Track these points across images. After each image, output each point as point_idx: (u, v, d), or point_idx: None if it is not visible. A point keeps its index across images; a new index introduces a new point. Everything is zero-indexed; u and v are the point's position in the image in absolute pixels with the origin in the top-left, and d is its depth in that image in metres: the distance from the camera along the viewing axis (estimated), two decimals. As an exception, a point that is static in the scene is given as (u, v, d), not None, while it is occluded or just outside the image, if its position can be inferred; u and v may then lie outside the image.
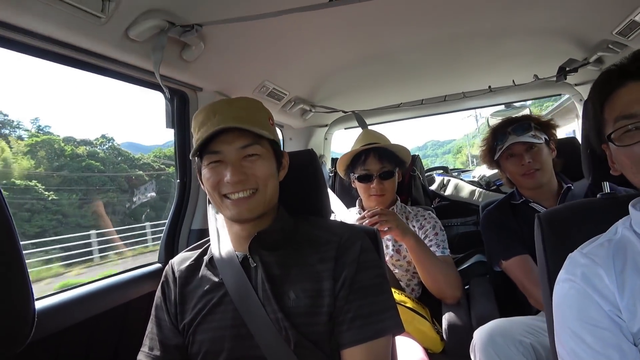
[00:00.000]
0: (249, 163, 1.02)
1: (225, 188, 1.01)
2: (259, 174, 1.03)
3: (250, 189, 1.02)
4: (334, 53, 2.01)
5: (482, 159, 1.96)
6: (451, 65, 2.38)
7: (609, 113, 0.86)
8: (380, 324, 0.99)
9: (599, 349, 0.76)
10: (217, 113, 1.03)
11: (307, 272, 1.03)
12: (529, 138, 1.74)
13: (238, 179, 0.99)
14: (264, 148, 1.05)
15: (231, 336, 1.02)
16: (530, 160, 1.73)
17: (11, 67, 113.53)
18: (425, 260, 1.74)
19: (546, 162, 1.76)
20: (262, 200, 1.04)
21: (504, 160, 1.83)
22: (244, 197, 1.01)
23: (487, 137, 1.90)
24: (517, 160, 1.77)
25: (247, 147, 1.02)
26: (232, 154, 1.01)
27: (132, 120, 55.65)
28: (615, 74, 0.85)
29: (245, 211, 1.02)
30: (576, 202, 1.16)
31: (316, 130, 3.08)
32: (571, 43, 2.07)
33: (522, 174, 1.76)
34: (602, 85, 0.88)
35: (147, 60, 1.32)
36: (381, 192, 1.94)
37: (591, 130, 0.94)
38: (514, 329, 1.33)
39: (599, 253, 0.84)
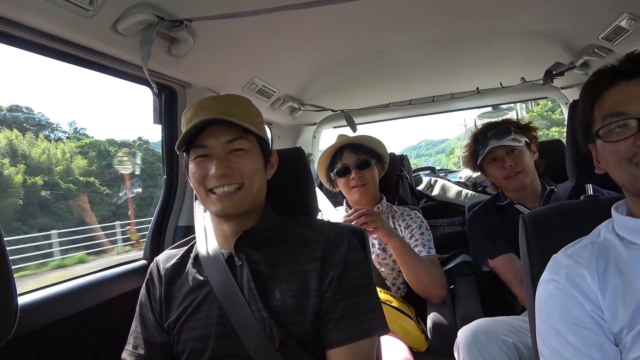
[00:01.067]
0: (235, 158, 1.02)
1: (211, 182, 1.01)
2: (245, 168, 1.02)
3: (236, 184, 1.01)
4: (324, 51, 2.01)
5: (465, 163, 2.00)
6: (440, 66, 2.39)
7: (598, 111, 0.88)
8: (366, 325, 1.00)
9: (582, 348, 0.77)
10: (205, 109, 1.03)
11: (293, 271, 1.03)
12: (509, 142, 1.77)
13: (223, 172, 0.99)
14: (250, 143, 1.05)
15: (216, 334, 1.02)
16: (512, 163, 1.77)
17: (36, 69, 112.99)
18: (410, 261, 1.75)
19: (528, 165, 1.79)
20: (248, 196, 1.03)
21: (486, 165, 1.86)
22: (229, 192, 1.01)
23: (469, 142, 1.93)
24: (499, 163, 1.80)
25: (233, 142, 1.02)
26: (218, 147, 1.01)
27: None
28: (607, 74, 0.87)
29: (229, 206, 1.02)
30: (560, 203, 1.18)
31: (305, 128, 3.08)
32: (558, 47, 2.09)
33: (504, 177, 1.79)
34: (593, 84, 0.90)
35: (136, 55, 1.31)
36: (361, 182, 1.95)
37: (579, 128, 0.96)
38: (497, 329, 1.34)
39: (583, 254, 0.85)
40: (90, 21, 1.14)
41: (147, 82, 1.38)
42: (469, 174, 3.00)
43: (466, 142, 1.98)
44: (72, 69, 10.64)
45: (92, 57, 1.31)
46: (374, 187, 2.00)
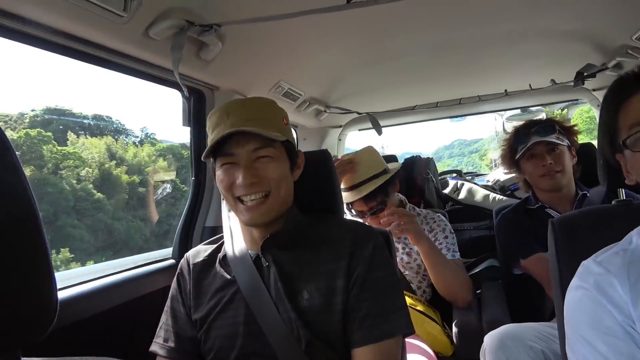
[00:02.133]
0: (261, 165, 1.03)
1: (238, 190, 1.02)
2: (272, 176, 1.03)
3: (263, 192, 1.02)
4: (350, 54, 2.01)
5: (502, 159, 1.95)
6: (467, 68, 2.36)
7: (623, 120, 0.85)
8: (391, 324, 0.99)
9: (612, 358, 0.75)
10: (231, 114, 1.03)
11: (320, 270, 1.04)
12: (552, 139, 1.73)
13: (250, 181, 1.00)
14: (276, 150, 1.05)
15: (243, 333, 1.03)
16: (552, 162, 1.72)
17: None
18: (438, 264, 1.74)
19: (567, 165, 1.75)
20: (276, 203, 1.04)
21: (524, 161, 1.81)
22: (257, 202, 1.02)
23: (508, 137, 1.88)
24: (538, 161, 1.75)
25: (259, 150, 1.02)
26: (244, 155, 1.02)
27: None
28: (630, 81, 0.85)
29: (258, 216, 1.03)
30: (590, 208, 1.15)
31: (330, 131, 3.08)
32: (589, 47, 2.05)
33: (541, 174, 1.75)
34: (615, 92, 0.88)
35: (166, 59, 1.34)
36: (375, 222, 1.90)
37: (605, 138, 0.93)
38: (525, 335, 1.32)
39: (614, 262, 0.83)
40: (124, 27, 1.18)
41: (178, 85, 1.41)
42: (497, 178, 2.96)
43: (505, 137, 1.93)
44: (130, 80, 11.41)
45: (125, 61, 1.35)
46: None
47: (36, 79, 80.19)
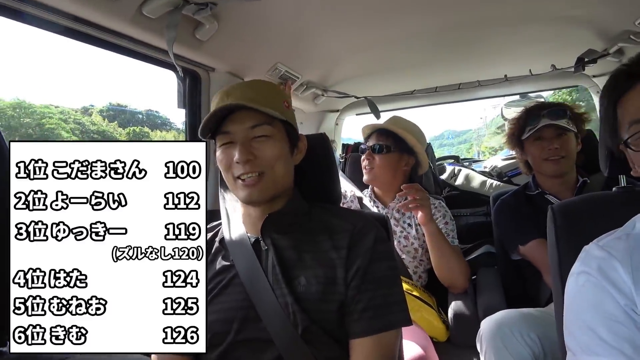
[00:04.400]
0: (258, 144, 1.02)
1: (236, 169, 1.01)
2: (268, 155, 1.02)
3: (258, 170, 1.01)
4: (348, 37, 1.98)
5: (508, 137, 1.93)
6: (466, 53, 2.33)
7: (622, 115, 0.85)
8: (390, 317, 0.99)
9: (613, 343, 0.75)
10: (231, 95, 1.03)
11: (319, 258, 1.03)
12: (562, 123, 1.71)
13: (246, 158, 0.99)
14: (274, 129, 1.04)
15: (240, 318, 1.02)
16: (558, 147, 1.70)
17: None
18: (442, 248, 1.74)
19: (572, 152, 1.73)
20: (271, 182, 1.03)
21: (530, 143, 1.79)
22: (253, 180, 1.01)
23: (518, 116, 1.86)
24: (544, 144, 1.73)
25: (256, 127, 1.01)
26: (241, 133, 1.01)
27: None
28: (623, 77, 0.84)
29: (255, 193, 1.02)
30: (591, 194, 1.14)
31: (327, 115, 3.06)
32: (591, 33, 2.02)
33: (545, 158, 1.73)
34: (612, 87, 0.87)
35: (161, 38, 1.31)
36: (369, 165, 1.94)
37: (606, 132, 0.92)
38: (521, 321, 1.32)
39: (617, 246, 0.82)
40: (117, 4, 1.15)
41: (172, 66, 1.38)
42: (494, 164, 2.95)
43: (514, 117, 1.90)
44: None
45: (118, 40, 1.32)
46: (383, 174, 1.96)
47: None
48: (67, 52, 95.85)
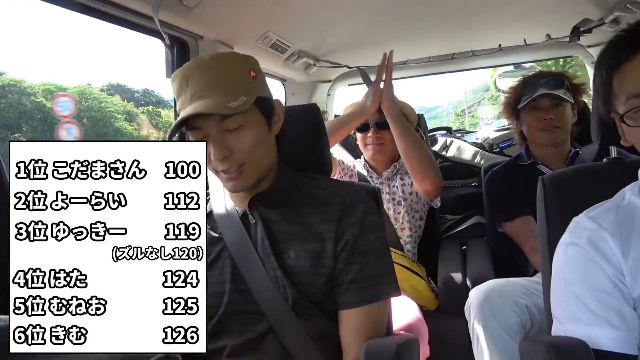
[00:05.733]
0: (233, 136, 0.96)
1: (215, 165, 0.97)
2: (244, 146, 0.97)
3: (237, 164, 0.97)
4: (341, 5, 1.94)
5: (504, 106, 1.92)
6: (461, 22, 2.29)
7: (618, 86, 0.83)
8: (379, 288, 1.00)
9: (600, 313, 0.76)
10: (190, 80, 0.96)
11: (308, 231, 1.02)
12: (559, 93, 1.70)
13: (222, 155, 0.95)
14: (247, 115, 0.97)
15: (230, 290, 1.02)
16: (554, 117, 1.70)
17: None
18: (408, 135, 1.78)
19: (567, 123, 1.72)
20: (254, 169, 1.00)
21: (526, 112, 1.78)
22: (234, 173, 0.97)
23: (515, 86, 1.84)
24: (540, 113, 1.72)
25: (226, 120, 0.95)
26: (212, 128, 0.95)
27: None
28: (625, 45, 0.81)
29: (238, 184, 0.99)
30: (581, 165, 1.14)
31: (320, 85, 3.02)
32: (587, 1, 1.99)
33: (540, 128, 1.72)
34: (610, 55, 0.84)
35: (146, 4, 1.27)
36: (378, 142, 1.92)
37: (599, 99, 0.91)
38: (510, 290, 1.34)
39: (607, 217, 0.83)
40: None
41: (159, 33, 1.35)
42: (486, 135, 2.94)
43: (512, 85, 1.89)
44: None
45: (101, 6, 1.28)
46: (392, 147, 1.95)
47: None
48: (52, 25, 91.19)
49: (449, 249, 2.01)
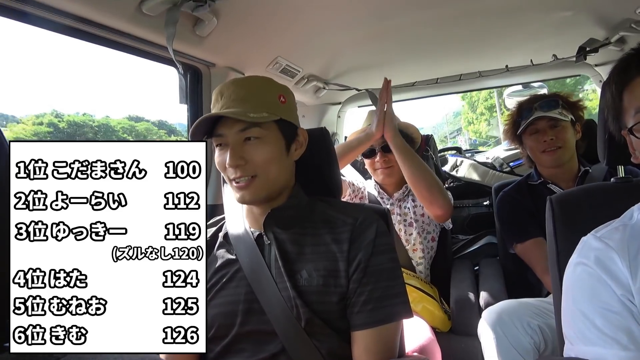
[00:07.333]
0: (249, 147, 1.01)
1: (229, 172, 1.02)
2: (258, 159, 1.01)
3: (249, 174, 1.01)
4: (349, 29, 1.98)
5: (504, 134, 1.94)
6: (467, 43, 2.32)
7: (628, 101, 0.84)
8: (392, 309, 1.01)
9: (609, 333, 0.76)
10: (224, 94, 1.03)
11: (321, 251, 1.04)
12: (554, 114, 1.71)
13: (236, 163, 0.99)
14: (265, 130, 1.02)
15: (243, 311, 1.04)
16: (553, 137, 1.70)
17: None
18: (413, 160, 1.79)
19: (569, 141, 1.73)
20: (264, 185, 1.03)
21: (526, 136, 1.80)
22: (245, 183, 1.01)
23: (512, 112, 1.87)
24: (540, 136, 1.74)
25: (246, 130, 1.01)
26: (232, 136, 1.01)
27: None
28: (635, 61, 0.83)
29: (247, 195, 1.02)
30: (589, 185, 1.15)
31: (329, 108, 3.05)
32: (592, 22, 2.00)
33: (542, 150, 1.73)
34: (620, 72, 0.86)
35: (161, 35, 1.32)
36: (386, 165, 1.94)
37: (609, 116, 0.92)
38: (522, 310, 1.33)
39: (614, 237, 0.83)
40: (117, 2, 1.15)
41: (173, 62, 1.39)
42: (496, 155, 2.94)
43: (509, 112, 1.93)
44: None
45: (118, 38, 1.33)
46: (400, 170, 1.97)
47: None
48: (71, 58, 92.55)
49: (461, 269, 2.00)
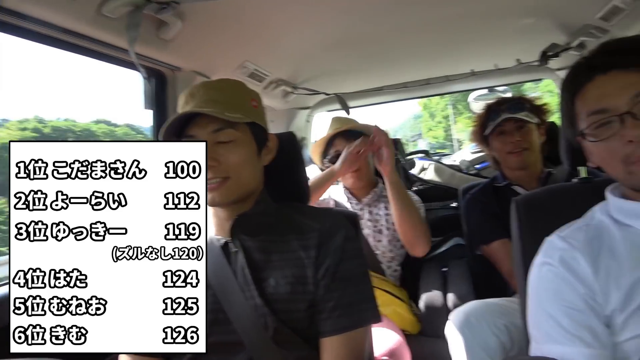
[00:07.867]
0: (222, 149, 0.99)
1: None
2: (231, 161, 1.00)
3: (221, 176, 0.99)
4: (317, 34, 1.98)
5: (472, 135, 1.97)
6: (435, 48, 2.37)
7: (580, 107, 0.87)
8: (360, 315, 1.00)
9: (573, 331, 0.78)
10: (195, 95, 1.01)
11: (288, 258, 1.02)
12: (522, 116, 1.75)
13: (209, 164, 0.96)
14: (239, 132, 1.01)
15: (209, 321, 1.01)
16: (520, 139, 1.75)
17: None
18: (405, 199, 1.78)
19: (534, 143, 1.77)
20: (235, 187, 1.01)
21: (493, 137, 1.83)
22: (216, 184, 0.99)
23: (480, 114, 1.90)
24: (507, 137, 1.78)
25: (219, 132, 0.99)
26: (204, 138, 0.98)
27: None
28: (583, 69, 0.86)
29: (217, 196, 1.00)
30: (552, 186, 1.17)
31: (298, 112, 3.05)
32: (554, 27, 2.07)
33: (508, 151, 1.77)
34: (571, 80, 0.89)
35: (123, 38, 1.28)
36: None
37: (565, 122, 0.95)
38: (489, 311, 1.35)
39: (577, 237, 0.85)
40: (75, 4, 1.12)
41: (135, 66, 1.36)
42: (463, 157, 3.00)
43: (477, 114, 1.95)
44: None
45: (78, 41, 1.29)
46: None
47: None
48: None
49: (430, 271, 2.02)
